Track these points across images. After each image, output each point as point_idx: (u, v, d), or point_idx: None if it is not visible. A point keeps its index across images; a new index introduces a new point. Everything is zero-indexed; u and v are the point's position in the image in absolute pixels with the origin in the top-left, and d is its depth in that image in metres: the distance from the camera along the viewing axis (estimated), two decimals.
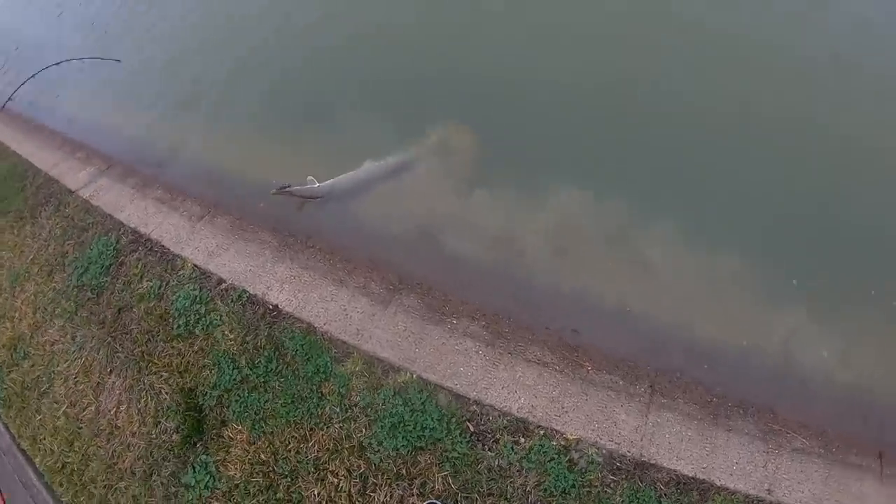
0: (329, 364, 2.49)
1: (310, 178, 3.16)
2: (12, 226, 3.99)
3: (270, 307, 2.75)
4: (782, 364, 2.38)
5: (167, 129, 4.15)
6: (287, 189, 3.08)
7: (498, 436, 2.25)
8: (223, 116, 3.98)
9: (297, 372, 2.52)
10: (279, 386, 2.51)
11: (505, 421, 2.29)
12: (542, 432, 2.24)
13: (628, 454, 2.16)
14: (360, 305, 2.72)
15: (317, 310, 2.71)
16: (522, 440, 2.24)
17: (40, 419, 3.04)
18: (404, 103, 3.54)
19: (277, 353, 2.59)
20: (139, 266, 3.17)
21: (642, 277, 2.67)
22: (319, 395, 2.44)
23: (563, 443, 2.20)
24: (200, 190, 3.57)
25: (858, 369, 2.34)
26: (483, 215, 3.00)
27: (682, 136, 2.95)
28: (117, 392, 2.86)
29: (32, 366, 3.20)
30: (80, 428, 2.89)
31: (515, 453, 2.20)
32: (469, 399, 2.35)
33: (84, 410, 2.93)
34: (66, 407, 2.97)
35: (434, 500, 2.17)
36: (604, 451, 2.16)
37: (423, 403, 2.33)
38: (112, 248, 3.34)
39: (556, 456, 2.16)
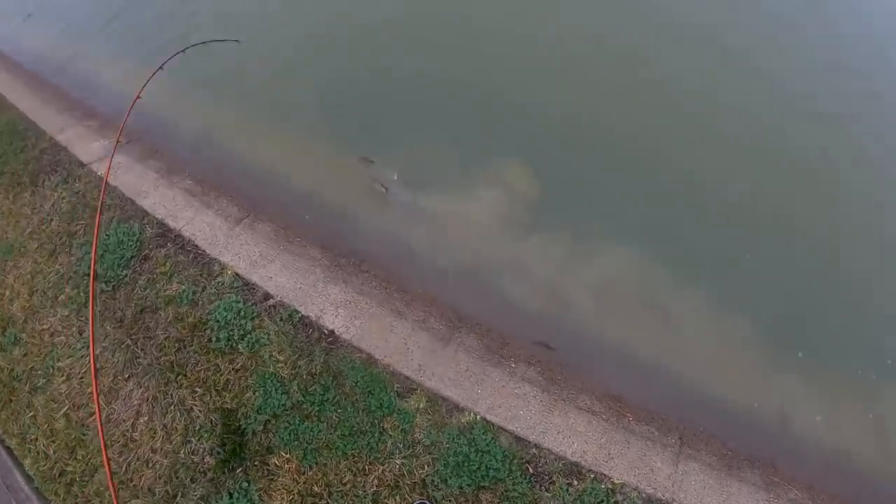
0: (392, 399, 2.49)
1: (397, 173, 3.27)
2: (7, 190, 3.51)
3: (326, 332, 2.69)
4: (782, 424, 2.77)
5: (202, 114, 3.84)
6: (371, 162, 3.14)
7: (554, 478, 2.43)
8: (271, 113, 3.77)
9: (356, 404, 2.49)
10: (336, 416, 2.47)
11: (560, 464, 2.47)
12: (592, 476, 2.45)
13: (663, 499, 2.45)
14: (421, 340, 2.74)
15: (377, 341, 2.69)
16: (575, 482, 2.44)
17: (32, 416, 2.73)
18: (471, 135, 3.58)
19: (335, 382, 2.54)
20: (168, 264, 2.95)
21: (673, 338, 2.99)
22: (381, 429, 2.43)
23: (610, 486, 2.43)
24: (237, 188, 3.37)
25: (845, 436, 2.79)
26: (537, 260, 3.17)
27: (727, 220, 3.31)
28: (136, 402, 2.65)
29: (25, 355, 2.85)
30: (85, 434, 2.64)
31: (570, 494, 2.39)
32: (529, 442, 2.51)
33: (91, 416, 2.67)
34: (68, 409, 2.70)
35: (423, 501, 2.28)
36: (643, 495, 2.43)
37: (488, 444, 2.41)
38: (135, 238, 3.07)
39: (604, 498, 2.38)
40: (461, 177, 3.39)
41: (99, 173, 3.44)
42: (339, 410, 2.48)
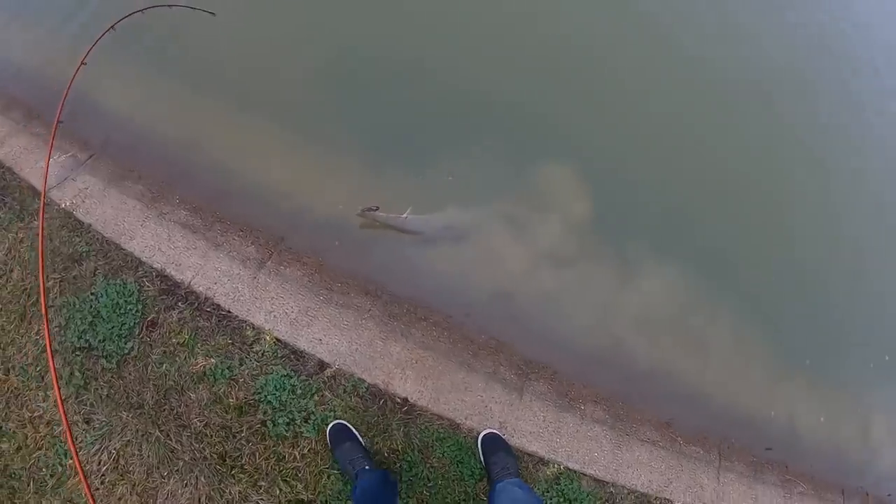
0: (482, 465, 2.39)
1: (409, 209, 2.80)
2: None
3: (399, 401, 2.45)
4: (791, 427, 3.04)
5: (184, 118, 3.06)
6: (374, 211, 2.69)
7: None
8: (270, 115, 3.08)
9: (446, 475, 2.35)
10: (427, 492, 2.33)
11: (632, 497, 2.56)
12: (658, 503, 2.58)
13: None
14: (497, 395, 2.60)
15: (453, 402, 2.51)
16: None
17: None
18: (501, 144, 3.22)
19: (422, 457, 2.37)
20: (186, 332, 2.46)
21: (707, 360, 3.07)
22: (475, 498, 2.35)
23: None
24: (245, 216, 2.80)
25: (842, 432, 3.16)
26: (586, 291, 3.04)
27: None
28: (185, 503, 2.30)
29: (18, 449, 2.31)
30: None
31: None
32: (606, 482, 2.55)
33: None
34: None
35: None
36: None
37: (575, 493, 2.43)
38: (133, 298, 2.49)
39: None
40: (490, 200, 3.07)
41: (63, 205, 2.67)
42: (429, 485, 2.33)
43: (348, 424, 2.30)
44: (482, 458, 2.34)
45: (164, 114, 3.10)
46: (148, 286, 2.54)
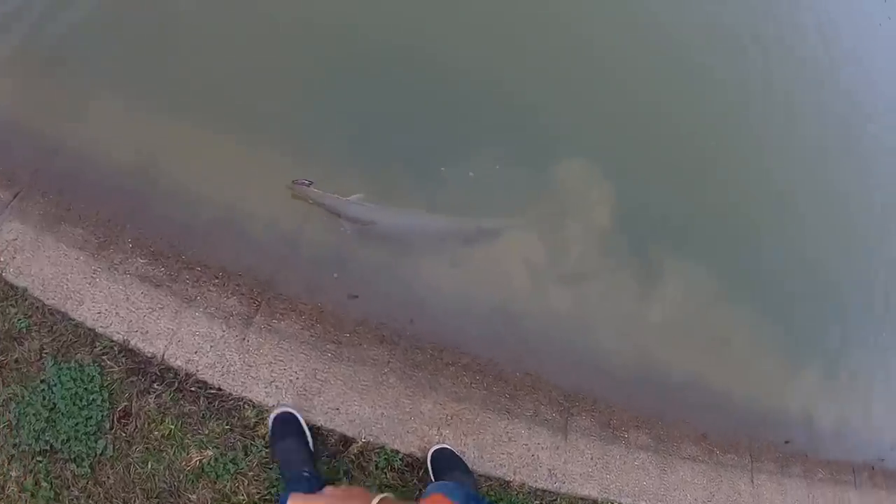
0: None
1: (358, 195, 2.37)
2: None
3: None
4: (807, 418, 3.02)
5: (142, 132, 2.45)
6: (306, 187, 2.26)
7: None
8: (256, 125, 2.46)
9: None
10: None
11: None
12: None
13: None
14: (542, 440, 2.26)
15: (499, 457, 2.15)
16: None
17: None
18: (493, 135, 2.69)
19: None
20: (169, 421, 2.00)
21: (732, 364, 2.98)
22: None
23: None
24: (222, 257, 2.25)
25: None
26: (610, 304, 2.76)
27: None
28: None
29: None
30: None
31: None
32: None
33: None
34: None
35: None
36: None
37: None
38: (95, 384, 2.00)
39: None
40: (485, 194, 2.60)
41: None
42: None
43: (299, 417, 1.95)
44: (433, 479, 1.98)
45: (106, 133, 2.46)
46: (111, 366, 2.04)
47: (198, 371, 2.04)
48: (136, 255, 2.26)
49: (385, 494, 0.86)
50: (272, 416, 1.97)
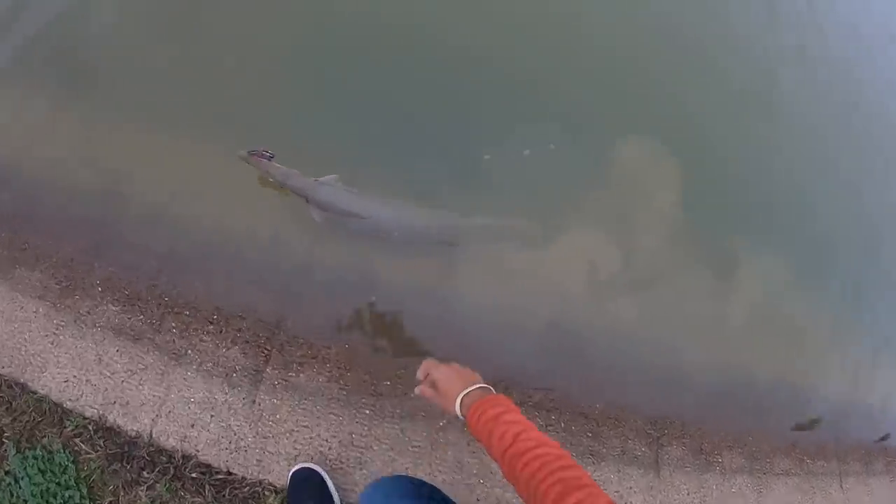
0: None
1: (332, 176, 1.86)
2: None
3: None
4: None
5: (109, 145, 1.94)
6: (266, 160, 1.75)
7: None
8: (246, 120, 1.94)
9: None
10: None
11: None
12: None
13: None
14: (634, 481, 1.81)
15: None
16: None
17: None
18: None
19: None
20: None
21: (811, 360, 2.60)
22: None
23: None
24: (216, 294, 1.73)
25: None
26: (680, 308, 2.27)
27: None
28: None
29: None
30: None
31: None
32: None
33: None
34: None
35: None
36: None
37: None
38: (69, 476, 1.52)
39: None
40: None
41: None
42: None
43: (324, 475, 1.50)
44: None
45: (66, 149, 1.96)
46: (87, 451, 1.54)
47: (198, 451, 1.53)
48: (108, 301, 1.75)
49: None
50: (291, 471, 1.49)
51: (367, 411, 1.63)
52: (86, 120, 1.99)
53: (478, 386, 1.06)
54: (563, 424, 1.88)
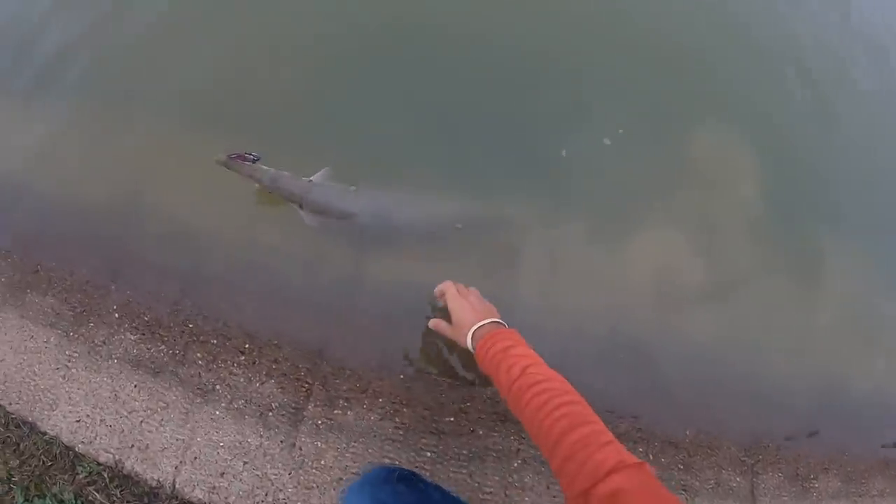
0: None
1: (324, 170, 1.57)
2: None
3: None
4: None
5: (126, 149, 1.77)
6: (250, 163, 1.47)
7: None
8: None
9: None
10: None
11: None
12: None
13: None
14: None
15: None
16: None
17: None
18: None
19: None
20: None
21: None
22: None
23: None
24: (246, 319, 1.50)
25: None
26: (768, 316, 1.96)
27: None
28: None
29: None
30: None
31: None
32: None
33: None
34: None
35: None
36: None
37: None
38: None
39: None
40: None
41: None
42: None
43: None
44: None
45: (80, 164, 1.79)
46: (101, 502, 1.30)
47: None
48: (125, 329, 1.53)
49: None
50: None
51: (429, 453, 1.36)
52: (101, 132, 1.81)
53: (491, 320, 1.05)
54: (651, 457, 1.61)
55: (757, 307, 2.06)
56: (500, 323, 1.08)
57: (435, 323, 1.18)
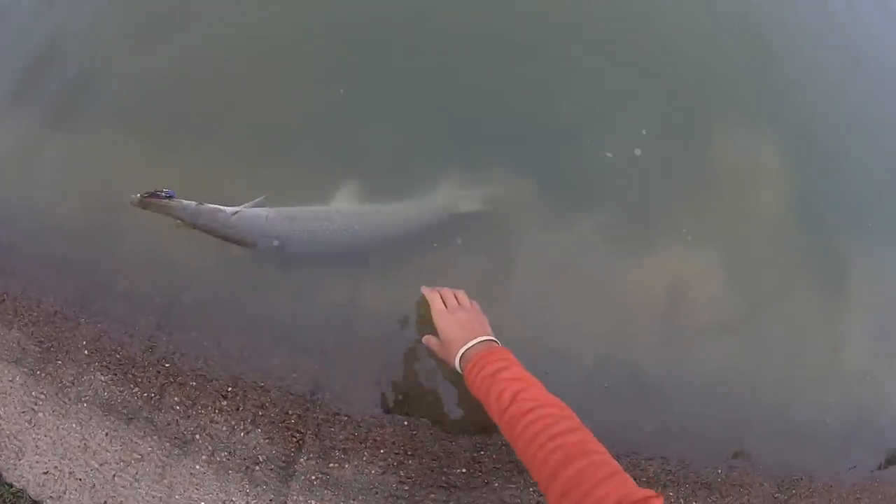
0: None
1: (257, 199, 1.36)
2: None
3: None
4: None
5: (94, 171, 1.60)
6: (165, 200, 1.27)
7: None
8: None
9: None
10: None
11: None
12: None
13: None
14: None
15: None
16: None
17: None
18: None
19: None
20: None
21: None
22: None
23: None
24: (229, 356, 1.33)
25: None
26: (797, 344, 1.78)
27: None
28: None
29: None
30: None
31: None
32: None
33: None
34: None
35: None
36: None
37: None
38: None
39: None
40: None
41: None
42: None
43: None
44: None
45: (49, 180, 1.62)
46: None
47: None
48: (95, 368, 1.37)
49: None
50: None
51: None
52: (73, 145, 1.64)
53: (481, 339, 0.98)
54: (682, 501, 1.44)
55: (785, 330, 1.90)
56: (492, 340, 0.99)
57: (426, 339, 1.10)
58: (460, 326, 1.01)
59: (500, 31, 1.81)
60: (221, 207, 1.30)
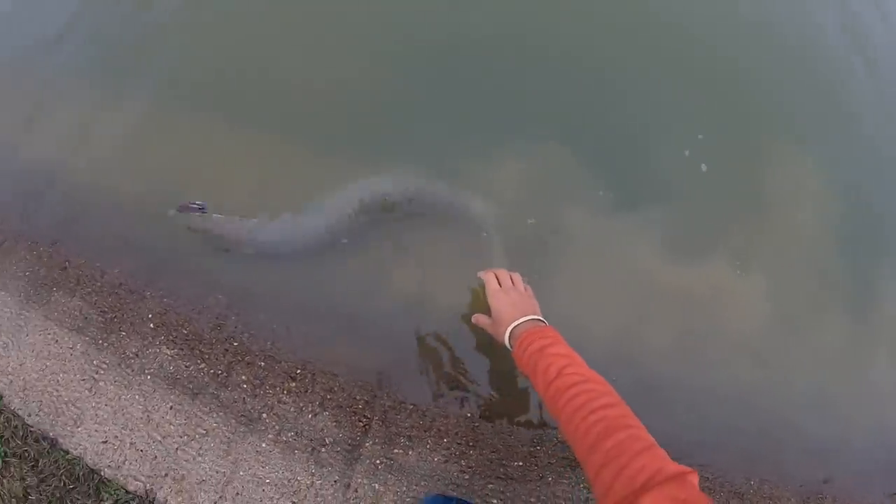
0: None
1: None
2: None
3: None
4: None
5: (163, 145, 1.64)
6: (199, 212, 1.39)
7: None
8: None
9: None
10: None
11: None
12: None
13: None
14: None
15: None
16: None
17: None
18: None
19: None
20: None
21: None
22: None
23: None
24: (296, 340, 1.37)
25: None
26: (826, 358, 1.80)
27: None
28: None
29: None
30: None
31: None
32: None
33: None
34: None
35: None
36: None
37: None
38: None
39: None
40: None
41: None
42: None
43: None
44: None
45: (120, 151, 1.66)
46: None
47: None
48: (161, 342, 1.40)
49: None
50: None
51: (495, 501, 1.23)
52: (145, 118, 1.67)
53: (529, 317, 1.02)
54: None
55: (818, 345, 1.94)
56: (541, 320, 1.02)
57: (476, 317, 1.15)
58: (512, 305, 1.06)
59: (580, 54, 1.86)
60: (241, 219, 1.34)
